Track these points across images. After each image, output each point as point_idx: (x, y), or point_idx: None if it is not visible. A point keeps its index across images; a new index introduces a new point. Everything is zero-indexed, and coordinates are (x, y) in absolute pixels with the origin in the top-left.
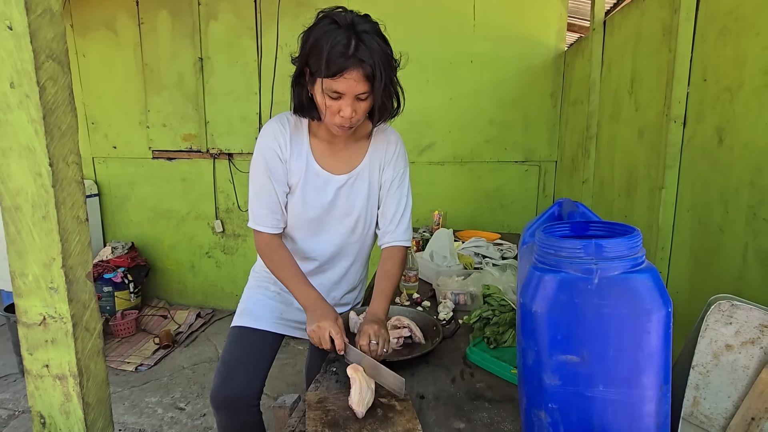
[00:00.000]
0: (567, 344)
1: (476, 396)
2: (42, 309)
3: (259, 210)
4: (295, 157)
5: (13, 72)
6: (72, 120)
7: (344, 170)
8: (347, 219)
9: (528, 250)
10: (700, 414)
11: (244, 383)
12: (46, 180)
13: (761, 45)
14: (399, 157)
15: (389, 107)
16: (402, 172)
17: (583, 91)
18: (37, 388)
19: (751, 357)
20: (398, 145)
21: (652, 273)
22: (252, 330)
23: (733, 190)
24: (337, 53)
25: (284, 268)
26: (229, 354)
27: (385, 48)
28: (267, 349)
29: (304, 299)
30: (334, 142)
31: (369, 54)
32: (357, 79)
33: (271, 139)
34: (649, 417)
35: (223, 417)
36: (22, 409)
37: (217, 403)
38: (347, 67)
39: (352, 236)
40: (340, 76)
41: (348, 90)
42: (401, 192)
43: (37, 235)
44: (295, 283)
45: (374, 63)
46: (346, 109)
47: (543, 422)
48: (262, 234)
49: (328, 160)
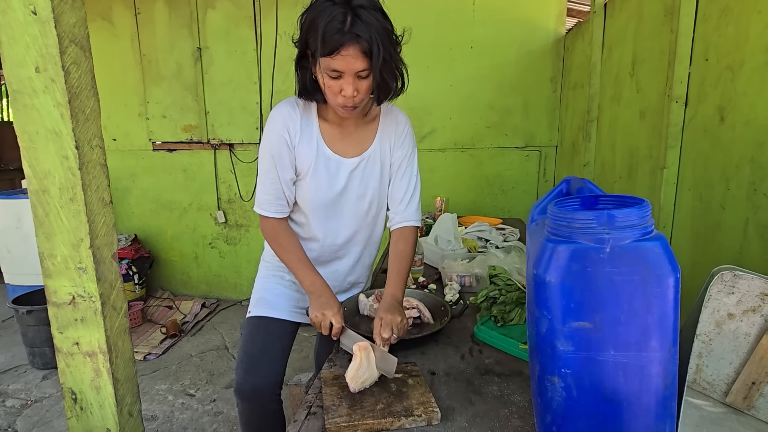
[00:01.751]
0: (580, 311)
1: (485, 371)
2: (71, 289)
3: (263, 195)
4: (306, 141)
5: (38, 57)
6: (95, 104)
7: (355, 153)
8: (361, 202)
9: (538, 227)
10: (703, 381)
11: (267, 372)
12: (73, 163)
13: (763, 23)
14: (407, 137)
15: (390, 85)
16: (410, 152)
17: (584, 74)
18: (67, 365)
19: (752, 324)
20: (407, 125)
21: (662, 241)
22: (271, 320)
23: (734, 167)
24: (333, 29)
25: (290, 251)
26: (251, 344)
27: (384, 23)
28: (287, 338)
29: (310, 284)
30: (344, 125)
31: (366, 29)
32: (354, 55)
33: (280, 124)
34: (657, 378)
35: (248, 407)
36: (33, 399)
37: (242, 393)
38: (343, 44)
39: (366, 219)
40: (337, 54)
41: (347, 68)
42: (410, 172)
43: (65, 216)
44: (301, 267)
45: (371, 38)
46: (348, 88)
47: (556, 387)
48: (267, 219)
49: (339, 144)
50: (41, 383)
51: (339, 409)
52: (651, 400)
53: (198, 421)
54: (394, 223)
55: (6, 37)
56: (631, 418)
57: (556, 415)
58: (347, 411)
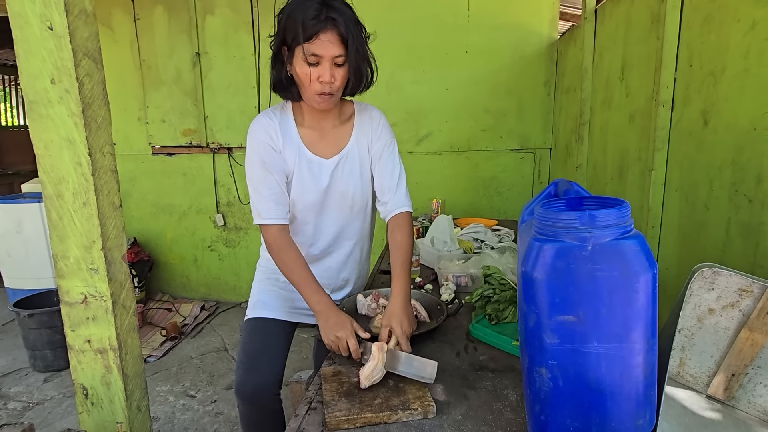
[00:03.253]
0: (564, 306)
1: (480, 367)
2: (83, 288)
3: (261, 204)
4: (288, 146)
5: (54, 69)
6: (106, 113)
7: (334, 152)
8: (345, 198)
9: (527, 227)
10: (685, 374)
11: (267, 372)
12: (86, 169)
13: (742, 31)
14: (383, 129)
15: (364, 73)
16: (389, 142)
17: (576, 78)
18: (79, 362)
19: (731, 319)
20: (381, 119)
21: (639, 239)
22: (269, 320)
23: (717, 169)
24: (310, 16)
25: (295, 270)
26: (250, 345)
27: (352, 14)
28: (285, 338)
29: (316, 303)
30: (321, 128)
31: (339, 15)
32: (332, 40)
33: (263, 134)
34: (638, 368)
35: (248, 407)
36: (35, 401)
37: (243, 393)
38: (321, 29)
39: (351, 213)
40: (316, 38)
41: (325, 52)
42: (392, 161)
43: (78, 220)
44: (306, 286)
45: (345, 24)
46: (325, 73)
47: (544, 378)
48: (269, 228)
49: (318, 145)
50: (43, 386)
51: (338, 404)
52: (632, 389)
53: (199, 421)
54: (387, 212)
55: (23, 50)
56: (614, 406)
57: (544, 405)
58: (346, 405)
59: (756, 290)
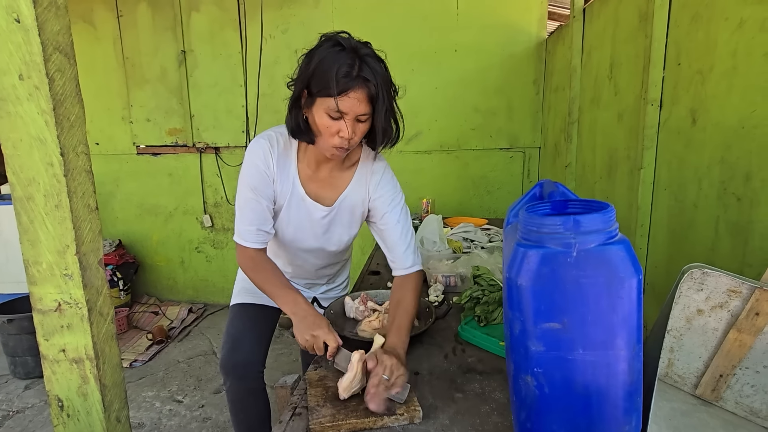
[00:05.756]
0: (549, 313)
1: (468, 369)
2: (57, 295)
3: (243, 226)
4: (282, 179)
5: (22, 64)
6: (80, 111)
7: (328, 200)
8: (329, 243)
9: (512, 230)
10: (674, 374)
11: (249, 350)
12: (58, 170)
13: (729, 30)
14: (387, 184)
15: (390, 131)
16: (393, 196)
17: (565, 77)
18: (54, 372)
19: (720, 320)
20: (384, 172)
21: (625, 244)
22: (252, 305)
23: (706, 168)
24: (343, 73)
25: (269, 280)
26: (233, 327)
27: (386, 73)
28: (268, 321)
29: (293, 305)
30: (321, 169)
31: (372, 75)
32: (360, 99)
33: (260, 158)
34: (623, 374)
35: (233, 382)
36: (15, 410)
37: (226, 369)
38: (352, 87)
39: (334, 256)
40: (345, 95)
41: (350, 110)
42: (398, 218)
43: (50, 224)
44: (281, 291)
45: (377, 84)
46: (346, 130)
47: (530, 385)
48: (246, 249)
49: (313, 186)
50: (23, 393)
51: (323, 410)
52: (618, 395)
53: (186, 427)
54: (395, 269)
55: None
56: (600, 413)
57: (530, 412)
58: (331, 411)
59: (745, 291)
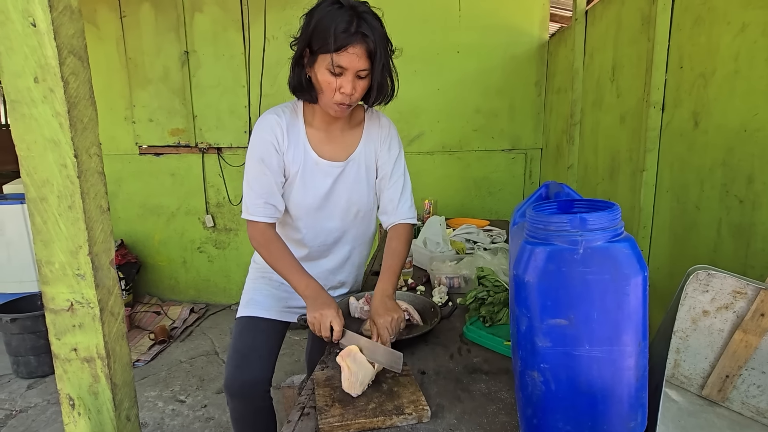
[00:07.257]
0: (556, 309)
1: (474, 369)
2: (69, 295)
3: (252, 200)
4: (293, 146)
5: (37, 67)
6: (93, 113)
7: (341, 157)
8: (347, 204)
9: (519, 229)
10: (680, 375)
11: (257, 369)
12: (72, 171)
13: (731, 33)
14: (392, 140)
15: (386, 88)
16: (397, 155)
17: (567, 79)
18: (65, 371)
19: (726, 321)
20: (390, 128)
21: (630, 242)
22: (260, 319)
23: (708, 170)
24: (341, 29)
25: (281, 258)
26: (241, 342)
27: (382, 30)
28: (276, 337)
29: (304, 288)
30: (330, 130)
31: (371, 31)
32: (359, 54)
33: (268, 131)
34: (629, 370)
35: (238, 404)
36: (18, 409)
37: (232, 390)
38: (351, 42)
39: (354, 220)
40: (344, 51)
41: (350, 65)
42: (398, 173)
43: (63, 224)
44: (294, 273)
45: (375, 40)
46: (347, 85)
47: (536, 381)
48: (256, 224)
49: (325, 148)
50: (26, 393)
51: (332, 409)
52: (623, 392)
53: (189, 427)
54: (389, 222)
55: (4, 48)
56: (606, 409)
57: (536, 408)
58: (340, 411)
59: (750, 292)
